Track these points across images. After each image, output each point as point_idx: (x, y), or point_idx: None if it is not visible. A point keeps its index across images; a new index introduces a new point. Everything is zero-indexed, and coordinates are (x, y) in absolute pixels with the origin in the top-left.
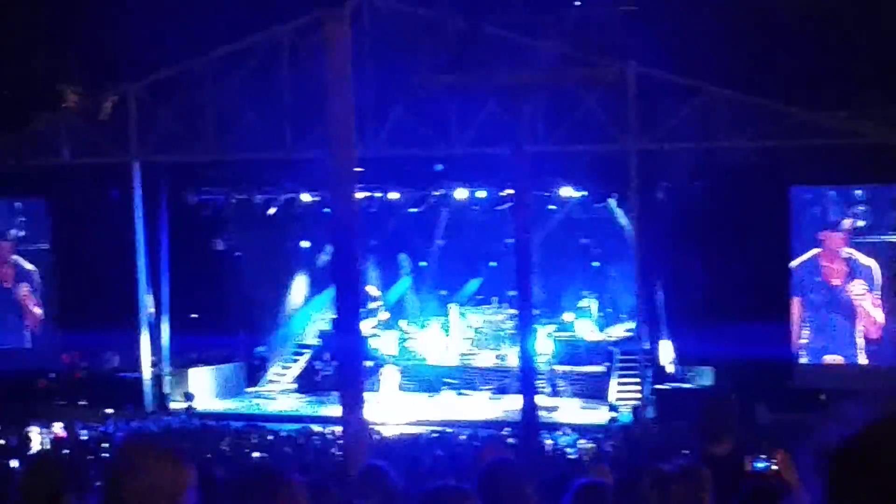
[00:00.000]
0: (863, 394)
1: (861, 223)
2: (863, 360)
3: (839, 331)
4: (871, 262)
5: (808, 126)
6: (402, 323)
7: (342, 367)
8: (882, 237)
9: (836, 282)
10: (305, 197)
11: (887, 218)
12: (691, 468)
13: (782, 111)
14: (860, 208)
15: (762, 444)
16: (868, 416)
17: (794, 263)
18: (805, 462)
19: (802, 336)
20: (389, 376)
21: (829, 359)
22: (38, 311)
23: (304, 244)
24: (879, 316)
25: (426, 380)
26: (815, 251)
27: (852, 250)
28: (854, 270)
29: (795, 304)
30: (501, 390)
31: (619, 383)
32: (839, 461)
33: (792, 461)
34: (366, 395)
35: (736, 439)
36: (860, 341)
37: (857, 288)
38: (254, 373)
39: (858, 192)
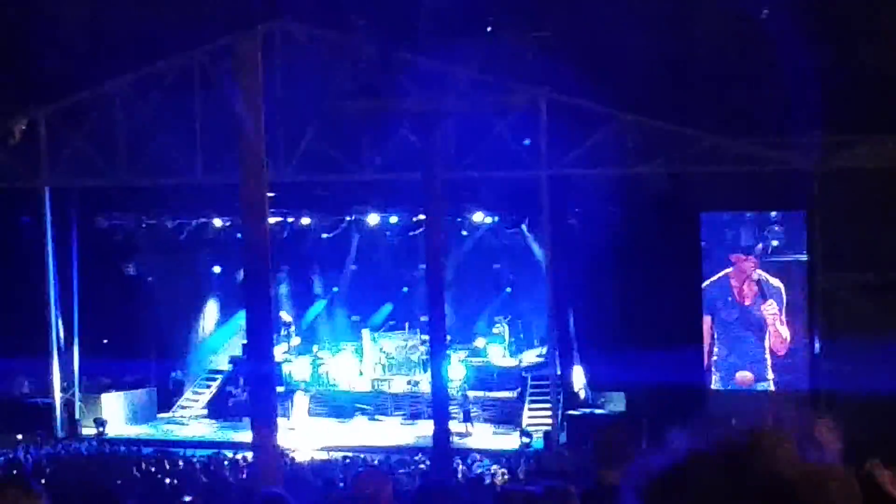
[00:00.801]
0: (701, 420)
1: (775, 242)
2: (770, 375)
3: (749, 348)
4: (779, 284)
5: (718, 152)
6: (315, 348)
7: (254, 393)
8: (794, 256)
9: (747, 302)
10: (217, 222)
11: (798, 239)
12: (557, 489)
13: (693, 137)
14: (775, 229)
15: None
16: (690, 446)
17: (706, 283)
18: (628, 485)
19: (714, 353)
20: (299, 402)
21: (740, 375)
22: None
23: (216, 269)
24: (786, 333)
25: (339, 405)
26: (726, 271)
27: (762, 272)
28: (765, 291)
29: (706, 322)
30: (414, 416)
31: (531, 409)
32: (655, 487)
33: None
34: (280, 420)
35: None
36: (768, 357)
37: (770, 308)
38: (166, 398)
39: (773, 214)
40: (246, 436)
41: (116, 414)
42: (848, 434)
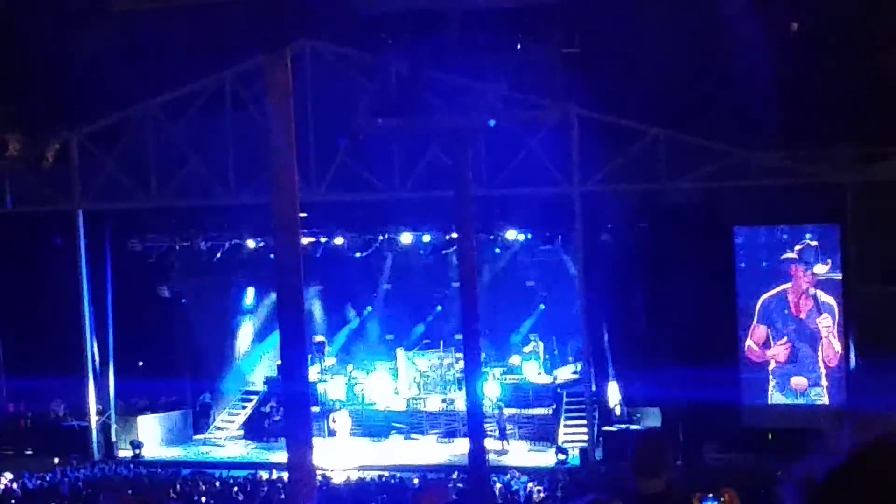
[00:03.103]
0: (836, 428)
1: (826, 268)
2: (825, 382)
3: (804, 357)
4: (831, 300)
5: (750, 166)
6: (350, 367)
7: (289, 413)
8: (833, 275)
9: (802, 315)
10: (250, 243)
11: (834, 258)
12: (602, 501)
13: (725, 151)
14: (811, 243)
15: (710, 484)
16: (853, 444)
17: (764, 296)
18: (789, 493)
19: (771, 362)
20: (342, 421)
21: (795, 381)
22: None
23: (250, 290)
24: (838, 346)
25: (374, 424)
26: (785, 286)
27: (817, 290)
28: (819, 306)
29: (763, 332)
30: (450, 434)
31: (567, 425)
32: (830, 489)
33: (738, 500)
34: (316, 440)
35: (670, 476)
36: (822, 367)
37: (825, 321)
38: (201, 419)
39: (808, 236)
40: (282, 456)
41: (152, 436)
42: None
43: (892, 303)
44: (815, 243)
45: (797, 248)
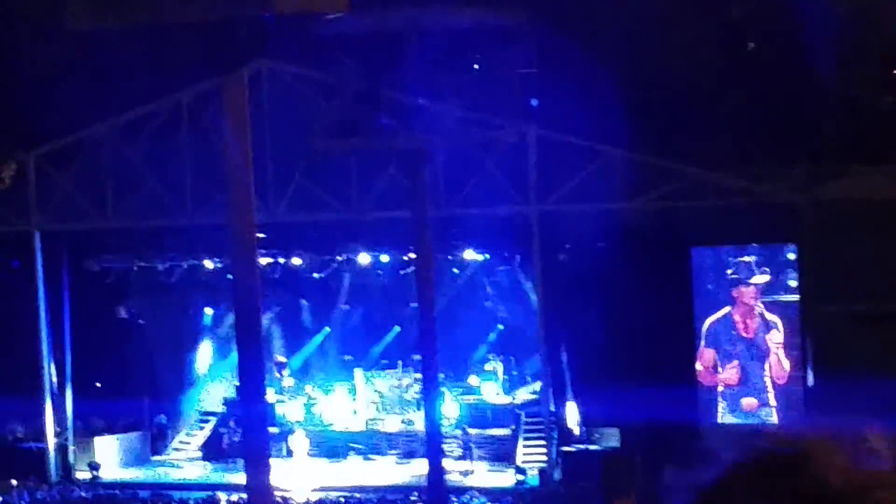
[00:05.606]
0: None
1: (766, 278)
2: (773, 402)
3: (753, 377)
4: (776, 318)
5: (706, 187)
6: (308, 388)
7: (247, 434)
8: (780, 297)
9: (750, 334)
10: (208, 263)
11: (783, 278)
12: None
13: (682, 172)
14: (745, 260)
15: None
16: (735, 459)
17: (709, 320)
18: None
19: (720, 385)
20: (299, 443)
21: (745, 401)
22: None
23: (208, 310)
24: (787, 364)
25: (332, 445)
26: (727, 309)
27: (762, 306)
28: (766, 323)
29: (711, 355)
30: (408, 455)
31: (526, 446)
32: (706, 499)
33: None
34: (275, 461)
35: (638, 496)
36: (769, 385)
37: (774, 337)
38: (159, 441)
39: (747, 256)
40: (240, 477)
41: (110, 457)
42: None
43: (848, 322)
44: (750, 259)
45: (728, 271)
